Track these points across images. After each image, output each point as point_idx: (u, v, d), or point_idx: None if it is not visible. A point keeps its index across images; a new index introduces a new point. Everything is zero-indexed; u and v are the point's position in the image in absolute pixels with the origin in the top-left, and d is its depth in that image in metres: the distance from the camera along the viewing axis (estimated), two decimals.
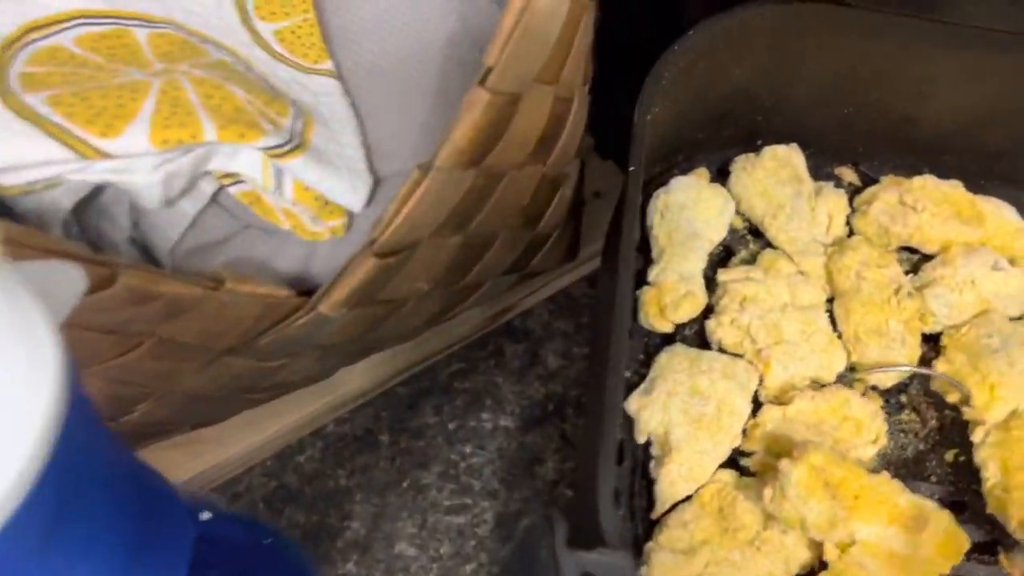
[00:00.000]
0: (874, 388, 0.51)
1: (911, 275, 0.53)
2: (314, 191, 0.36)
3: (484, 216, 0.39)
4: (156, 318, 0.31)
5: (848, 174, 0.57)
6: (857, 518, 0.42)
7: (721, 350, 0.50)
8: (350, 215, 0.38)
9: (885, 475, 0.44)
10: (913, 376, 0.51)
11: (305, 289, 0.36)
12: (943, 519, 0.44)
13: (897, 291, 0.51)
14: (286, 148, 0.34)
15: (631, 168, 0.41)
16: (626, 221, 0.40)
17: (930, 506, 0.44)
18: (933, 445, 0.50)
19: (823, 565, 0.44)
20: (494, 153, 0.35)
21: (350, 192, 0.36)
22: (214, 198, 0.38)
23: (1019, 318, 0.52)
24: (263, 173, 0.35)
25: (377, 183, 0.39)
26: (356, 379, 0.52)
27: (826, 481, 0.42)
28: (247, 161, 0.35)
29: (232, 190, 0.37)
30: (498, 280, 0.48)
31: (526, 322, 0.59)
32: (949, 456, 0.49)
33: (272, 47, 0.39)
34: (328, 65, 0.38)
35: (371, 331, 0.41)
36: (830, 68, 0.51)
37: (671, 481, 0.45)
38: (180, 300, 0.31)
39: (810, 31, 0.48)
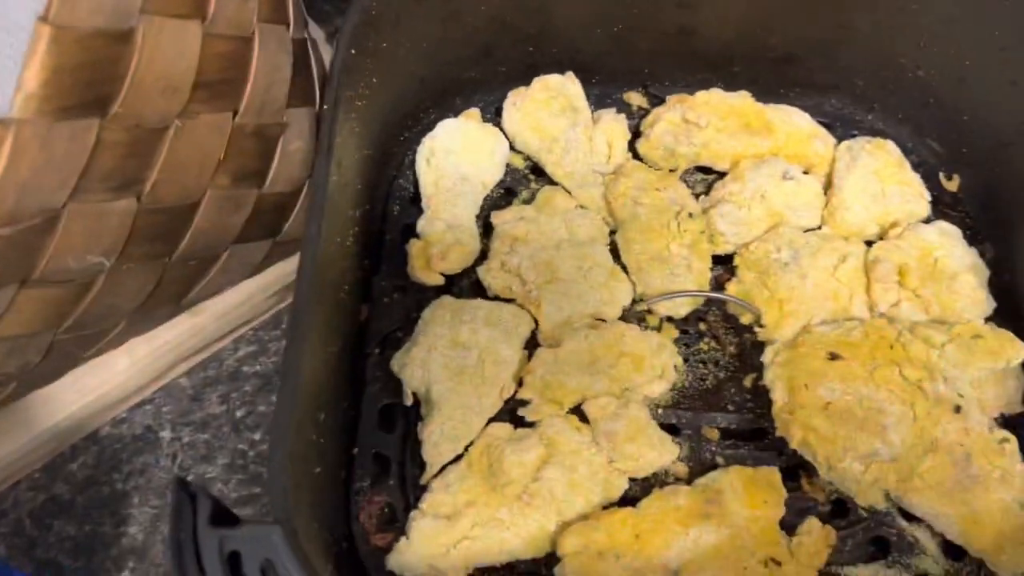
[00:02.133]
0: (670, 319, 0.48)
1: (705, 196, 0.50)
2: None
3: (159, 175, 0.36)
4: None
5: (637, 98, 0.54)
6: (651, 549, 0.39)
7: (495, 297, 0.46)
8: None
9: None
10: (711, 302, 0.48)
11: None
12: (733, 477, 0.41)
13: (678, 214, 0.47)
14: None
15: (323, 106, 0.38)
16: (316, 166, 0.36)
17: (713, 479, 0.41)
18: (733, 372, 0.46)
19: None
20: (119, 100, 0.32)
21: None
22: None
23: (813, 229, 0.49)
24: None
25: None
26: (122, 375, 0.48)
27: (599, 552, 0.39)
28: None
29: None
30: (240, 249, 0.45)
31: None
32: (748, 382, 0.46)
33: None
34: None
35: (63, 317, 0.38)
36: None
37: (435, 443, 0.42)
38: None
39: None
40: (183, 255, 0.41)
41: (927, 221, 0.49)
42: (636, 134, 0.52)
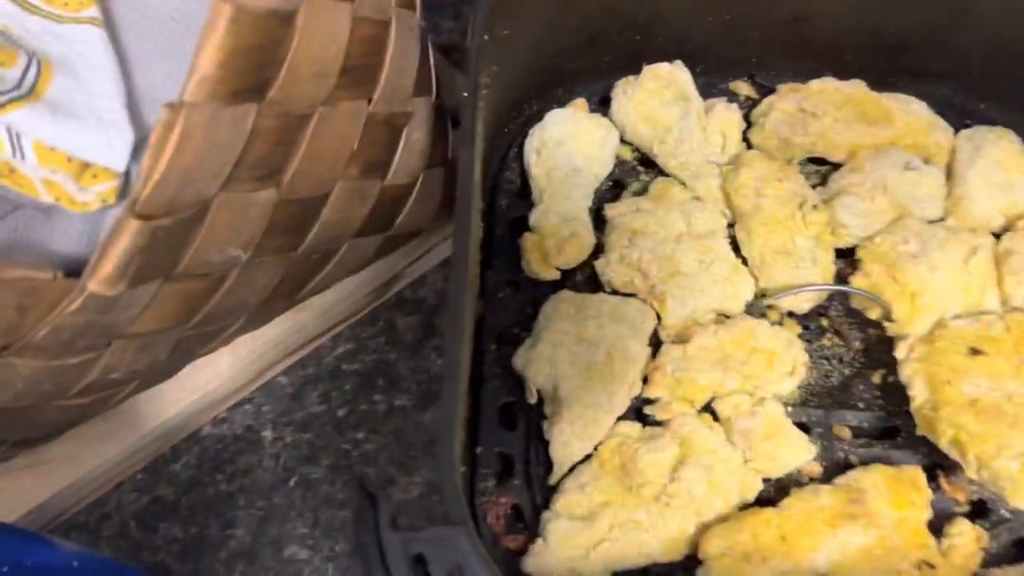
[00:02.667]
0: (791, 315, 0.46)
1: (821, 188, 0.49)
2: (64, 152, 0.31)
3: (299, 165, 0.35)
4: None
5: (744, 88, 0.52)
6: (798, 551, 0.37)
7: (614, 292, 0.45)
8: (126, 177, 0.33)
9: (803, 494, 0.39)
10: (832, 297, 0.47)
11: None
12: (876, 476, 0.39)
13: (802, 205, 0.46)
14: (2, 100, 0.29)
15: (464, 94, 0.36)
16: (462, 154, 0.35)
17: (854, 479, 0.40)
18: (860, 368, 0.45)
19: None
20: (277, 85, 0.30)
21: (104, 147, 0.31)
22: None
23: (938, 220, 0.47)
24: None
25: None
26: (225, 373, 0.47)
27: (744, 554, 0.37)
28: None
29: None
30: (357, 243, 0.43)
31: (418, 292, 0.54)
32: (876, 378, 0.44)
33: None
34: (92, 11, 0.33)
35: (194, 312, 0.37)
36: None
37: (564, 441, 0.40)
38: None
39: None
40: (308, 248, 0.40)
41: None
42: (747, 125, 0.50)
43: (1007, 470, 0.39)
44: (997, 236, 0.46)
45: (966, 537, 0.39)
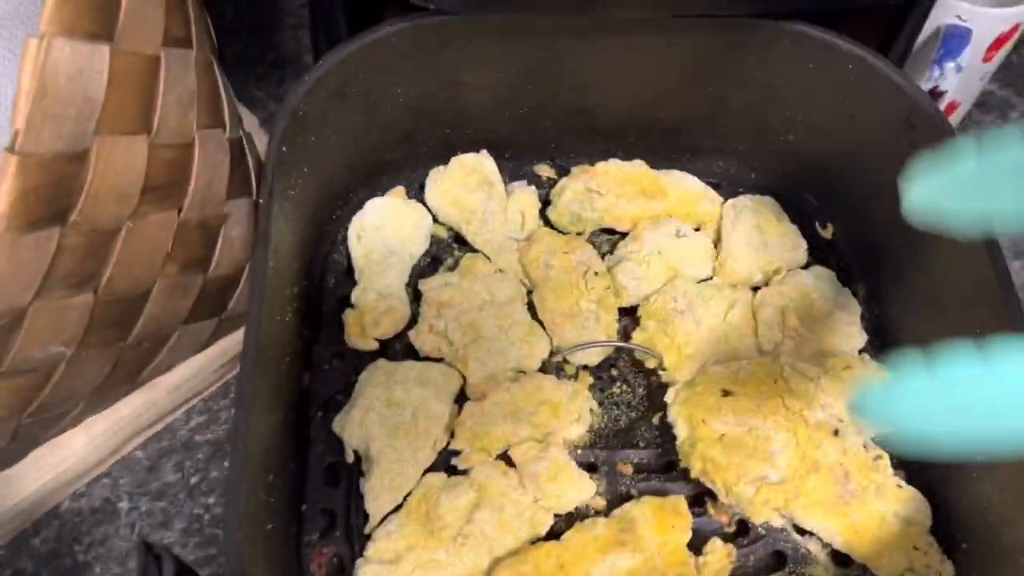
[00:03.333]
0: (585, 368, 0.53)
1: (610, 255, 0.56)
2: None
3: (113, 271, 0.40)
4: None
5: (546, 170, 0.60)
6: None
7: (427, 358, 0.51)
8: None
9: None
10: (620, 350, 0.54)
11: None
12: (645, 507, 0.46)
13: (585, 273, 0.53)
14: None
15: (259, 200, 0.43)
16: (256, 254, 0.41)
17: (627, 510, 0.46)
18: (643, 412, 0.52)
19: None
20: (77, 210, 0.36)
21: None
22: None
23: (707, 279, 0.55)
24: None
25: None
26: (80, 452, 0.52)
27: None
28: None
29: None
30: (190, 328, 0.49)
31: None
32: (656, 420, 0.51)
33: None
34: None
35: (27, 403, 0.41)
36: (488, 76, 0.53)
37: (375, 495, 0.46)
38: None
39: (450, 44, 0.50)
40: (137, 339, 0.45)
41: (806, 267, 0.56)
42: (547, 203, 0.58)
43: (746, 494, 0.46)
44: (757, 290, 0.54)
45: (718, 554, 0.45)
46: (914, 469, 0.49)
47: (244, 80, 0.73)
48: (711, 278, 0.55)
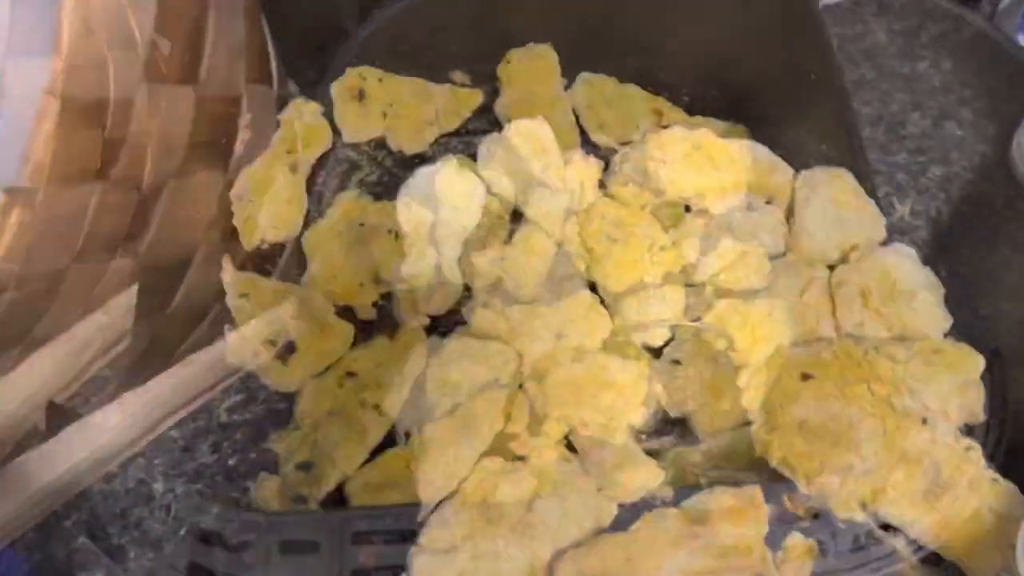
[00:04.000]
0: (649, 348, 0.49)
1: (674, 230, 0.53)
2: None
3: (155, 235, 0.37)
4: None
5: (604, 139, 0.56)
6: (643, 572, 0.40)
7: (481, 336, 0.48)
8: None
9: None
10: (686, 330, 0.50)
11: None
12: (718, 497, 0.42)
13: (650, 247, 0.50)
14: None
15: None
16: None
17: (699, 501, 0.42)
18: (712, 396, 0.48)
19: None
20: (121, 165, 0.33)
21: None
22: None
23: (779, 255, 0.51)
24: None
25: None
26: (114, 431, 0.49)
27: None
28: None
29: None
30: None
31: None
32: (725, 405, 0.48)
33: None
34: None
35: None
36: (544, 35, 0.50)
37: (428, 480, 0.43)
38: None
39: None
40: (176, 310, 0.42)
41: (884, 244, 0.52)
42: (606, 172, 0.54)
43: (830, 485, 0.42)
44: (833, 268, 0.51)
45: (798, 549, 0.42)
46: (1008, 462, 0.45)
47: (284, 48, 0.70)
48: (784, 254, 0.51)
